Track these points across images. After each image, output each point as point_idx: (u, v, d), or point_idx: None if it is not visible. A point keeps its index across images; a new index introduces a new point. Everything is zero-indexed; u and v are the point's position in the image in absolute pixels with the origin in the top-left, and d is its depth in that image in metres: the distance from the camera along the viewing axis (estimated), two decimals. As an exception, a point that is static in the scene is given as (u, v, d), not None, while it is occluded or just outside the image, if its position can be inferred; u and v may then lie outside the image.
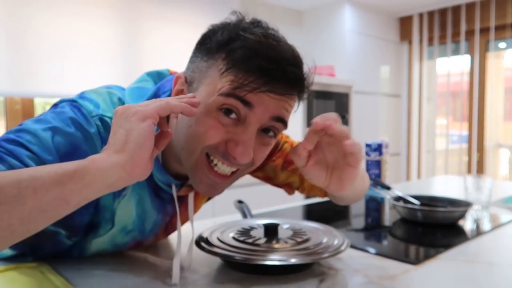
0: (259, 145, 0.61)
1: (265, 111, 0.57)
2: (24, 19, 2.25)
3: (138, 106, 0.50)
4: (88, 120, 0.60)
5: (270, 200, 2.72)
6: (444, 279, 0.68)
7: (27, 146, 0.55)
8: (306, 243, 0.72)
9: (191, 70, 0.62)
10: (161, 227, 0.78)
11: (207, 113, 0.57)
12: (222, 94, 0.56)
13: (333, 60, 3.58)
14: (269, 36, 0.57)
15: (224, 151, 0.58)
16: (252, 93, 0.55)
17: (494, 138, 3.69)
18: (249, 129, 0.57)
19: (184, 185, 0.69)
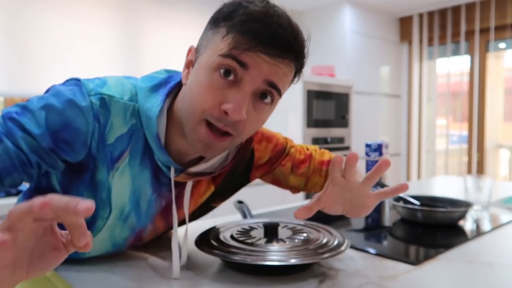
0: (253, 109, 0.63)
1: (259, 74, 0.60)
2: (24, 20, 2.25)
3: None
4: (83, 97, 0.63)
5: (270, 200, 2.72)
6: (444, 279, 0.68)
7: (23, 126, 0.60)
8: (306, 244, 0.72)
9: (200, 39, 0.67)
10: (157, 212, 0.76)
11: (207, 73, 0.62)
12: (221, 55, 0.60)
13: (333, 60, 3.58)
14: (269, 6, 0.62)
15: (218, 113, 0.61)
16: (247, 54, 0.59)
17: (494, 139, 3.69)
18: (243, 89, 0.61)
19: (183, 172, 0.70)
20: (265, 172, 0.89)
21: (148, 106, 0.66)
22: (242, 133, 0.64)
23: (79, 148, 0.63)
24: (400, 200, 1.16)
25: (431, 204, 1.14)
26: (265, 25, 0.60)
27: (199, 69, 0.64)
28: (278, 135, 0.90)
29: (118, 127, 0.66)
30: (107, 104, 0.65)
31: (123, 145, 0.67)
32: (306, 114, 3.08)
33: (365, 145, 1.59)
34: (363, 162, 1.65)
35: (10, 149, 0.58)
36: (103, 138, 0.65)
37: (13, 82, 2.23)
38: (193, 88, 0.63)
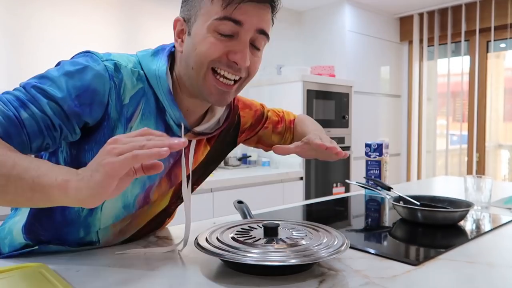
0: (252, 56, 0.74)
1: (251, 25, 0.71)
2: (24, 19, 2.25)
3: (109, 157, 0.52)
4: (97, 62, 0.70)
5: (270, 200, 2.72)
6: (444, 279, 0.68)
7: (46, 92, 0.65)
8: (306, 244, 0.72)
9: (186, 9, 0.75)
10: (166, 169, 0.81)
11: (207, 35, 0.70)
12: (216, 19, 0.69)
13: (333, 60, 3.58)
14: None
15: (226, 61, 0.72)
16: (239, 10, 0.68)
17: (494, 139, 3.68)
18: (243, 40, 0.71)
19: (190, 131, 0.79)
20: (248, 135, 1.04)
21: (154, 67, 0.74)
22: (250, 74, 0.76)
23: (97, 108, 0.69)
24: (400, 200, 1.16)
25: (431, 204, 1.14)
26: None
27: (197, 33, 0.71)
28: (254, 102, 1.04)
29: (130, 88, 0.73)
30: (118, 67, 0.72)
31: (133, 106, 0.73)
32: (306, 114, 3.08)
33: (365, 145, 1.59)
34: (363, 162, 1.65)
35: (36, 114, 0.64)
36: (119, 98, 0.71)
37: (13, 82, 2.23)
38: (197, 47, 0.71)
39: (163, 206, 0.88)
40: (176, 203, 0.92)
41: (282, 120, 1.08)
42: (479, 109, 3.62)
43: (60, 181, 0.53)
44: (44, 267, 0.69)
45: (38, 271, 0.67)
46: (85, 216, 0.77)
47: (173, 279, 0.67)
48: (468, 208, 1.03)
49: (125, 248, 0.83)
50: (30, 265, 0.70)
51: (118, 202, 0.78)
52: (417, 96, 4.01)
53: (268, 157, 3.32)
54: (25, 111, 0.63)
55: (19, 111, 0.63)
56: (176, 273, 0.70)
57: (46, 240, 0.78)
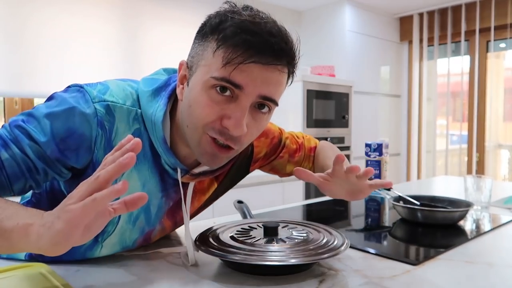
0: (252, 120, 0.66)
1: (254, 90, 0.62)
2: (23, 19, 2.25)
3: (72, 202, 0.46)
4: (87, 104, 0.64)
5: (270, 200, 2.72)
6: (444, 279, 0.68)
7: (30, 134, 0.61)
8: (306, 244, 0.72)
9: (191, 55, 0.68)
10: (165, 212, 0.78)
11: (203, 91, 0.63)
12: (214, 77, 0.61)
13: (333, 60, 3.58)
14: (255, 15, 0.62)
15: (219, 128, 0.63)
16: (239, 71, 0.60)
17: (494, 139, 3.68)
18: (241, 105, 0.62)
19: (188, 173, 0.73)
20: (263, 164, 0.96)
21: (151, 111, 0.68)
22: (243, 144, 0.67)
23: (84, 153, 0.65)
24: (400, 200, 1.16)
25: (431, 204, 1.14)
26: (255, 35, 0.60)
27: (194, 87, 0.64)
28: (272, 128, 0.94)
29: (123, 132, 0.68)
30: (111, 110, 0.66)
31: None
32: (306, 114, 3.09)
33: (365, 145, 1.59)
34: (363, 162, 1.65)
35: (17, 155, 0.60)
36: (110, 144, 0.66)
37: (12, 82, 2.23)
38: (192, 106, 0.64)
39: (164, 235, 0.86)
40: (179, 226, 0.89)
41: (300, 148, 0.98)
42: (479, 109, 3.62)
43: (22, 224, 0.48)
44: (44, 267, 0.69)
45: (38, 271, 0.67)
46: (85, 249, 0.74)
47: (173, 279, 0.67)
48: (468, 208, 1.03)
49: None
50: (30, 265, 0.70)
51: (116, 246, 0.76)
52: (417, 96, 4.01)
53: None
54: (6, 151, 0.60)
55: (0, 152, 0.60)
56: (176, 273, 0.70)
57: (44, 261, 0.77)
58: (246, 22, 0.60)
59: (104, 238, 0.73)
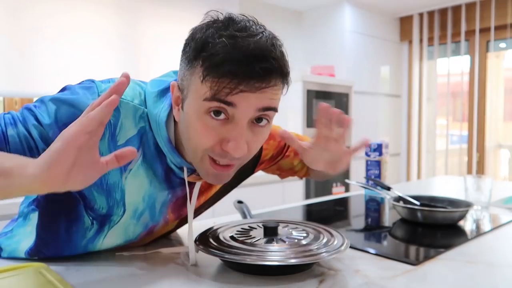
0: (252, 135, 0.65)
1: (249, 107, 0.60)
2: (22, 18, 2.25)
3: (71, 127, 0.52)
4: (93, 96, 0.67)
5: (270, 200, 2.72)
6: (444, 279, 0.68)
7: (37, 116, 0.65)
8: (306, 244, 0.72)
9: (181, 78, 0.66)
10: (169, 207, 0.79)
11: (198, 118, 0.62)
12: (206, 99, 0.60)
13: (333, 60, 3.58)
14: (236, 36, 0.59)
15: (220, 151, 0.63)
16: (232, 98, 0.59)
17: (494, 139, 3.68)
18: (238, 125, 0.61)
19: (194, 172, 0.73)
20: (268, 165, 0.96)
21: (156, 111, 0.68)
22: (248, 157, 0.68)
23: None
24: (400, 200, 1.16)
25: (431, 204, 1.14)
26: (239, 63, 0.57)
27: (188, 113, 0.63)
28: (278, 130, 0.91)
29: (128, 128, 0.69)
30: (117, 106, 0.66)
31: (134, 146, 0.69)
32: (306, 114, 3.09)
33: (365, 145, 1.58)
34: (363, 162, 1.65)
35: (21, 134, 0.64)
36: (114, 139, 0.68)
37: (12, 82, 2.23)
38: (190, 132, 0.64)
39: (167, 230, 0.87)
40: (181, 226, 0.90)
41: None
42: (479, 109, 3.62)
43: (22, 162, 0.53)
44: (44, 267, 0.69)
45: (38, 271, 0.67)
46: (87, 241, 0.75)
47: (173, 279, 0.67)
48: (468, 208, 1.03)
49: (125, 249, 0.83)
50: (30, 265, 0.70)
51: (119, 238, 0.77)
52: (417, 96, 4.01)
53: (268, 157, 3.32)
54: (13, 129, 0.64)
55: (7, 128, 0.64)
56: (176, 273, 0.70)
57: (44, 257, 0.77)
58: (226, 49, 0.58)
59: (111, 227, 0.74)
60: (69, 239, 0.75)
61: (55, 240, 0.75)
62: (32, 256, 0.77)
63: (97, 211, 0.72)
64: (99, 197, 0.70)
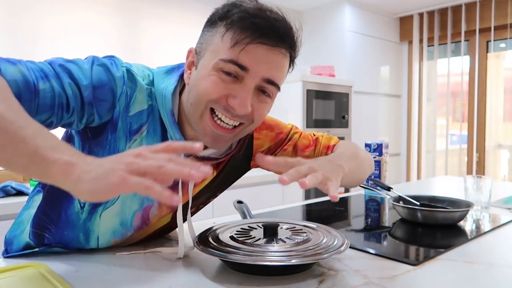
0: (257, 102, 0.71)
1: (258, 73, 0.67)
2: (23, 18, 2.25)
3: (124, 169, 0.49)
4: (117, 68, 0.70)
5: (270, 200, 2.72)
6: (444, 279, 0.68)
7: (72, 74, 0.66)
8: (306, 244, 0.72)
9: (199, 42, 0.73)
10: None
11: (209, 72, 0.68)
12: (221, 59, 0.66)
13: (333, 60, 3.58)
14: (261, 4, 0.68)
15: (225, 104, 0.68)
16: (246, 53, 0.65)
17: (494, 139, 3.69)
18: (246, 86, 0.67)
19: (191, 155, 0.76)
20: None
21: (163, 86, 0.73)
22: (253, 120, 0.72)
23: (110, 107, 0.69)
24: (400, 200, 1.16)
25: (431, 204, 1.14)
26: (262, 19, 0.65)
27: (202, 69, 0.69)
28: (282, 124, 0.94)
29: (140, 102, 0.72)
30: (135, 79, 0.72)
31: (142, 120, 0.73)
32: (306, 114, 3.08)
33: (365, 145, 1.59)
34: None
35: (55, 89, 0.63)
36: (127, 109, 0.71)
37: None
38: (198, 84, 0.69)
39: (163, 223, 0.86)
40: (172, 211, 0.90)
41: (313, 144, 0.93)
42: (479, 109, 3.62)
43: (65, 161, 0.49)
44: (44, 267, 0.69)
45: (38, 271, 0.67)
46: (84, 220, 0.76)
47: (173, 279, 0.67)
48: (468, 208, 1.03)
49: (125, 248, 0.83)
50: (30, 265, 0.70)
51: (115, 217, 0.77)
52: (417, 96, 4.01)
53: (268, 157, 3.31)
54: (44, 83, 0.63)
55: (39, 81, 0.62)
56: (176, 273, 0.70)
57: (48, 242, 0.78)
58: (253, 9, 0.66)
59: (109, 205, 0.76)
60: (66, 218, 0.76)
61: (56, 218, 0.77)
62: (36, 237, 0.78)
63: None
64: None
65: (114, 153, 0.71)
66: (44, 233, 0.78)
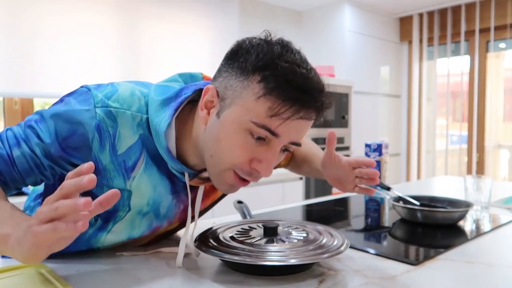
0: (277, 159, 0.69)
1: (287, 139, 0.65)
2: (22, 18, 2.25)
3: (36, 223, 0.50)
4: (89, 107, 0.66)
5: (270, 201, 2.72)
6: (444, 279, 0.68)
7: (38, 134, 0.66)
8: (306, 244, 0.72)
9: (224, 86, 0.66)
10: (176, 214, 0.80)
11: (236, 132, 0.64)
12: (255, 123, 0.62)
13: (333, 60, 3.58)
14: (300, 65, 0.63)
15: (248, 169, 0.66)
16: (283, 127, 0.62)
17: (494, 139, 3.69)
18: (273, 150, 0.65)
19: (196, 176, 0.73)
20: None
21: (157, 120, 0.68)
22: (261, 177, 0.70)
23: (86, 152, 0.67)
24: (400, 200, 1.16)
25: (431, 204, 1.14)
26: (304, 92, 0.61)
27: (228, 124, 0.64)
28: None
29: (128, 137, 0.69)
30: (114, 115, 0.67)
31: (136, 155, 0.70)
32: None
33: (365, 145, 1.59)
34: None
35: (26, 154, 0.66)
36: (114, 148, 0.68)
37: (12, 82, 2.23)
38: (222, 142, 0.65)
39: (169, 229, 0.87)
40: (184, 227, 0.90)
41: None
42: (479, 109, 3.62)
43: (2, 233, 0.54)
44: (44, 267, 0.69)
45: (38, 271, 0.67)
46: (90, 236, 0.76)
47: (173, 279, 0.67)
48: (468, 208, 1.03)
49: (126, 248, 0.83)
50: (30, 265, 0.70)
51: (122, 234, 0.77)
52: (417, 96, 4.01)
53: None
54: (18, 149, 0.66)
55: (12, 150, 0.66)
56: (176, 273, 0.70)
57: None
58: (294, 75, 0.60)
59: (116, 222, 0.75)
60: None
61: None
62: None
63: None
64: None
65: (110, 187, 0.70)
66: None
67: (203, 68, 2.80)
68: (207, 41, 3.00)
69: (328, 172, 0.89)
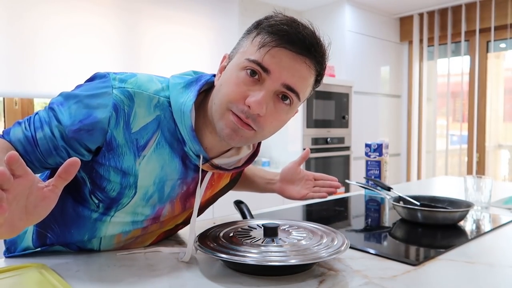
0: (273, 107, 0.70)
1: (279, 77, 0.68)
2: (22, 19, 2.25)
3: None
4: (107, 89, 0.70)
5: (270, 201, 2.72)
6: (444, 279, 0.68)
7: (58, 116, 0.70)
8: (306, 244, 0.72)
9: (234, 48, 0.76)
10: (178, 195, 0.80)
11: (234, 72, 0.70)
12: (247, 59, 0.69)
13: (333, 60, 3.58)
14: (295, 18, 0.71)
15: (242, 106, 0.69)
16: (270, 56, 0.67)
17: (494, 139, 3.69)
18: (265, 87, 0.69)
19: (208, 161, 0.77)
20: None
21: (182, 101, 0.73)
22: (263, 128, 0.71)
23: (98, 135, 0.70)
24: (400, 200, 1.16)
25: (431, 205, 1.14)
26: (290, 27, 0.69)
27: (229, 69, 0.72)
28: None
29: (143, 116, 0.72)
30: (131, 94, 0.71)
31: (149, 134, 0.72)
32: (306, 114, 3.08)
33: (365, 145, 1.59)
34: (363, 162, 1.65)
35: (47, 135, 0.70)
36: (128, 127, 0.71)
37: (12, 82, 2.23)
38: (223, 84, 0.71)
39: (171, 226, 0.87)
40: (184, 225, 0.91)
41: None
42: (479, 109, 3.62)
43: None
44: (44, 267, 0.69)
45: (38, 271, 0.67)
46: (95, 219, 0.76)
47: (173, 279, 0.67)
48: (468, 208, 1.03)
49: (126, 248, 0.83)
50: (30, 265, 0.70)
51: (127, 217, 0.78)
52: (417, 96, 4.01)
53: (268, 157, 3.32)
54: (41, 131, 0.70)
55: (37, 132, 0.70)
56: (176, 273, 0.70)
57: (50, 242, 0.78)
58: (286, 19, 0.70)
59: (118, 209, 0.76)
60: (76, 215, 0.77)
61: (62, 216, 0.77)
62: (39, 237, 0.78)
63: (108, 193, 0.74)
64: (114, 176, 0.72)
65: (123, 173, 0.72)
66: (47, 233, 0.78)
67: (203, 68, 2.80)
68: (207, 41, 3.00)
69: (284, 175, 1.05)
